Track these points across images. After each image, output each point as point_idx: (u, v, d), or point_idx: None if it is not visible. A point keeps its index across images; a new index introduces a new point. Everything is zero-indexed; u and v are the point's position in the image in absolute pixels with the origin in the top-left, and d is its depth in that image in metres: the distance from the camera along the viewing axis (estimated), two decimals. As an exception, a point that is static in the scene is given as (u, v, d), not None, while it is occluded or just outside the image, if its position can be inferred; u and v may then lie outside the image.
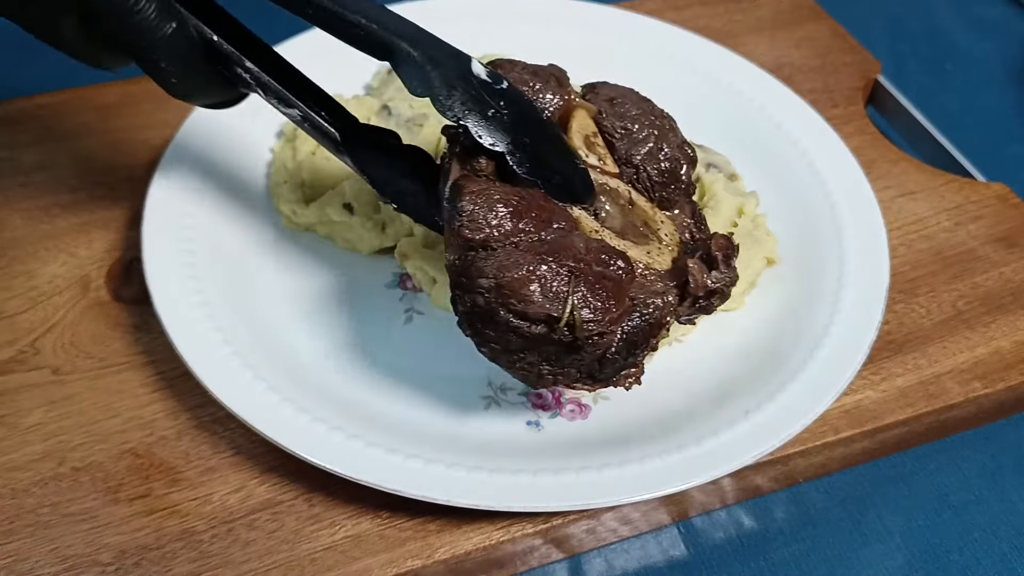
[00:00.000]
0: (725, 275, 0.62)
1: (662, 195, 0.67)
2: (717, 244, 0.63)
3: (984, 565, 0.69)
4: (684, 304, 0.63)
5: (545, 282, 0.55)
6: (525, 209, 0.58)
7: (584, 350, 0.57)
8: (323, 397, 0.68)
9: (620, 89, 0.70)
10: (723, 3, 1.11)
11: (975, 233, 0.85)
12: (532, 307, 0.55)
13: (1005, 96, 1.12)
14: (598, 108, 0.68)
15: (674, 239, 0.64)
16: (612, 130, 0.67)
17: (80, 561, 0.62)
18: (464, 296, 0.57)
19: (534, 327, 0.56)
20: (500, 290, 0.55)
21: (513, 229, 0.57)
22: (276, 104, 0.66)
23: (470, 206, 0.57)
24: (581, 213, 0.62)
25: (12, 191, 0.85)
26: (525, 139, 0.61)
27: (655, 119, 0.68)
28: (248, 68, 0.64)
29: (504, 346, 0.58)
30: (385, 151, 0.69)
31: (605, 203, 0.64)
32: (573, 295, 0.55)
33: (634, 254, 0.61)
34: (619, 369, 0.60)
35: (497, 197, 0.58)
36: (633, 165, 0.66)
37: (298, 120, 0.67)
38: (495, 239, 0.57)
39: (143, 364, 0.73)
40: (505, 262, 0.56)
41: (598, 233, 0.61)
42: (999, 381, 0.74)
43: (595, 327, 0.56)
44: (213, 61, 0.64)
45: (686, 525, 0.71)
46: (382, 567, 0.62)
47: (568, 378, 0.60)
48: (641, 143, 0.66)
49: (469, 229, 0.57)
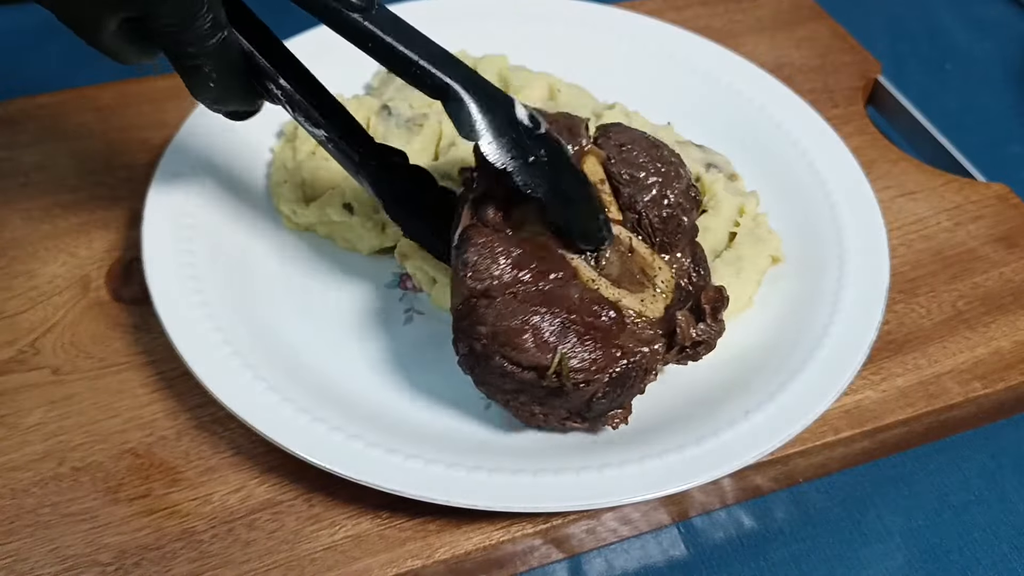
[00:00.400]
0: (711, 327, 0.65)
1: (663, 239, 0.69)
2: (707, 297, 0.65)
3: (984, 565, 0.69)
4: (672, 352, 0.65)
5: (538, 332, 0.60)
6: (526, 261, 0.63)
7: (571, 395, 0.61)
8: (323, 397, 0.68)
9: (631, 134, 0.72)
10: (723, 3, 1.11)
11: (975, 233, 0.85)
12: (524, 355, 0.60)
13: (1005, 96, 1.12)
14: (607, 154, 0.70)
15: (669, 286, 0.67)
16: (619, 176, 0.69)
17: (80, 561, 0.62)
18: (464, 340, 0.62)
19: (525, 373, 0.61)
20: (496, 338, 0.60)
21: (512, 280, 0.62)
22: (303, 122, 0.68)
23: (475, 257, 0.62)
24: (580, 263, 0.65)
25: (12, 191, 0.85)
26: (562, 187, 0.64)
27: (661, 166, 0.70)
28: (282, 85, 0.66)
29: (499, 387, 0.63)
30: (398, 174, 0.71)
31: (608, 251, 0.67)
32: (562, 345, 0.60)
33: (627, 302, 0.64)
34: (606, 410, 0.64)
35: (500, 249, 0.63)
36: (636, 211, 0.69)
37: (323, 140, 0.69)
38: (495, 289, 0.61)
39: (143, 364, 0.73)
40: (503, 311, 0.61)
41: (595, 282, 0.65)
42: (999, 381, 0.74)
43: (581, 376, 0.60)
44: (251, 73, 0.65)
45: (686, 525, 0.71)
46: (382, 567, 0.62)
47: (558, 417, 0.65)
48: (645, 189, 0.69)
49: (472, 279, 0.62)
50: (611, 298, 0.64)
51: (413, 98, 0.87)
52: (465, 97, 0.61)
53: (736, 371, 0.72)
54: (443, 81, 0.61)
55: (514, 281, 0.62)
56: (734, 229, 0.79)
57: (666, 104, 0.92)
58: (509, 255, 0.63)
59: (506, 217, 0.66)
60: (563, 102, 0.89)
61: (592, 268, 0.65)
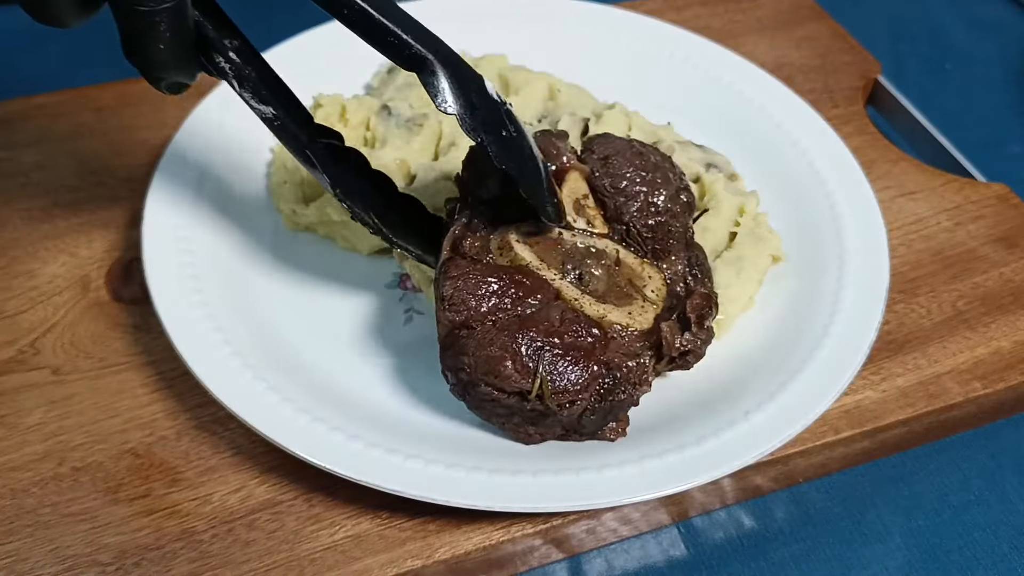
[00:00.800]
0: (697, 336, 0.65)
1: (655, 247, 0.69)
2: (692, 305, 0.66)
3: (984, 565, 0.69)
4: (662, 362, 0.65)
5: (517, 358, 0.61)
6: (505, 288, 0.64)
7: (560, 415, 0.62)
8: (323, 397, 0.68)
9: (615, 145, 0.72)
10: (723, 3, 1.11)
11: (975, 233, 0.85)
12: (507, 382, 0.61)
13: (1005, 96, 1.12)
14: (591, 168, 0.71)
15: (661, 294, 0.67)
16: (603, 189, 0.70)
17: (80, 561, 0.62)
18: (451, 371, 0.63)
19: (510, 399, 0.62)
20: (479, 367, 0.61)
21: (491, 308, 0.63)
22: (249, 99, 0.66)
23: (450, 291, 0.63)
24: (563, 283, 0.66)
25: (12, 191, 0.85)
26: (529, 163, 0.64)
27: (646, 173, 0.70)
28: (231, 59, 0.64)
29: (491, 411, 0.64)
30: (344, 156, 0.69)
31: (592, 266, 0.67)
32: (542, 368, 0.61)
33: (613, 317, 0.65)
34: (599, 426, 0.65)
35: (475, 280, 0.63)
36: (623, 222, 0.69)
37: (269, 117, 0.67)
38: (473, 319, 0.63)
39: (143, 364, 0.73)
40: (482, 340, 0.62)
41: (578, 301, 0.65)
42: (999, 381, 0.74)
43: (566, 396, 0.61)
44: (199, 44, 0.63)
45: (686, 525, 0.71)
46: (382, 567, 0.62)
47: (553, 435, 0.66)
48: (631, 199, 0.69)
49: (450, 311, 0.63)
50: (595, 315, 0.64)
51: (413, 98, 0.87)
52: (440, 70, 0.60)
53: (736, 371, 0.72)
54: (419, 52, 0.59)
55: (493, 309, 0.63)
56: (734, 229, 0.79)
57: (666, 104, 0.92)
58: (487, 284, 0.63)
59: (487, 245, 0.67)
60: (563, 102, 0.89)
61: (575, 287, 0.66)
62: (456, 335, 0.63)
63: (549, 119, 0.88)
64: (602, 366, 0.62)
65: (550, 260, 0.66)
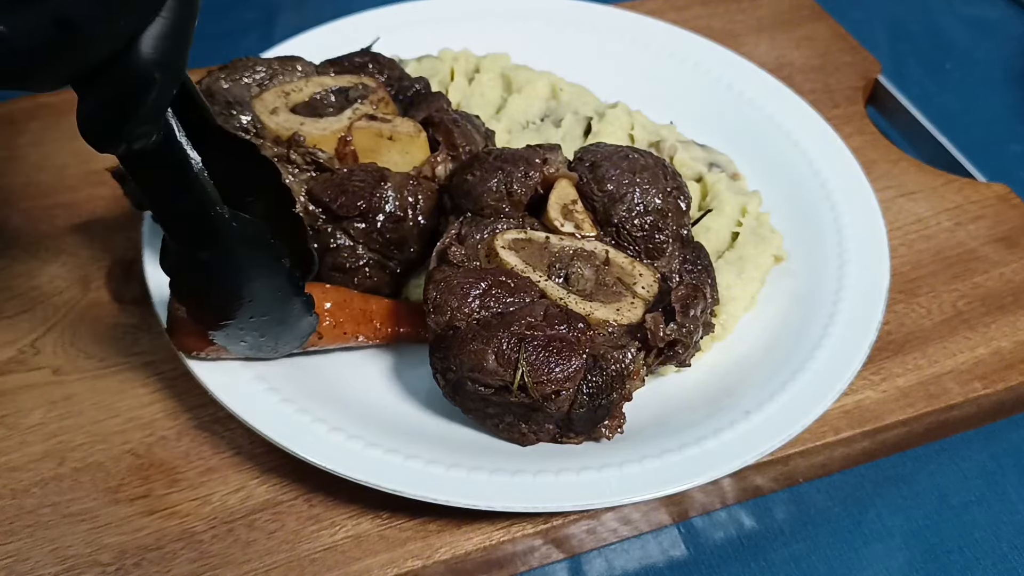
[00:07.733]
0: (682, 325, 0.64)
1: (647, 245, 0.69)
2: (676, 296, 0.66)
3: (984, 565, 0.69)
4: (652, 355, 0.65)
5: (499, 352, 0.61)
6: (489, 288, 0.65)
7: (548, 407, 0.62)
8: (323, 397, 0.68)
9: (604, 151, 0.73)
10: (723, 3, 1.11)
11: (975, 233, 0.85)
12: (489, 376, 0.61)
13: (1005, 96, 1.12)
14: (580, 175, 0.71)
15: (652, 290, 0.67)
16: (591, 193, 0.71)
17: (80, 561, 0.62)
18: (439, 373, 0.64)
19: (495, 394, 0.62)
20: (463, 364, 0.62)
21: (475, 308, 0.64)
22: None
23: (433, 293, 0.65)
24: (548, 284, 0.66)
25: (12, 191, 0.85)
26: None
27: (635, 175, 0.71)
28: None
29: (482, 411, 0.65)
30: None
31: (579, 267, 0.67)
32: (522, 358, 0.61)
33: (600, 314, 0.65)
34: (593, 420, 0.64)
35: (457, 282, 0.65)
36: (613, 224, 0.70)
37: None
38: (458, 319, 0.64)
39: (143, 364, 0.73)
40: (465, 337, 0.62)
41: (563, 300, 0.65)
42: (999, 381, 0.74)
43: (549, 387, 0.61)
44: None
45: (686, 525, 0.71)
46: (382, 567, 0.62)
47: (548, 435, 0.66)
48: (620, 201, 0.70)
49: (436, 313, 0.64)
50: (582, 312, 0.65)
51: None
52: None
53: (736, 371, 0.72)
54: None
55: (477, 308, 0.64)
56: (736, 229, 0.79)
57: (668, 104, 0.92)
58: (470, 286, 0.64)
59: (474, 253, 0.67)
60: (565, 101, 0.89)
61: (561, 287, 0.66)
62: (441, 336, 0.64)
63: (551, 118, 0.88)
64: (587, 357, 0.62)
65: (536, 263, 0.67)
